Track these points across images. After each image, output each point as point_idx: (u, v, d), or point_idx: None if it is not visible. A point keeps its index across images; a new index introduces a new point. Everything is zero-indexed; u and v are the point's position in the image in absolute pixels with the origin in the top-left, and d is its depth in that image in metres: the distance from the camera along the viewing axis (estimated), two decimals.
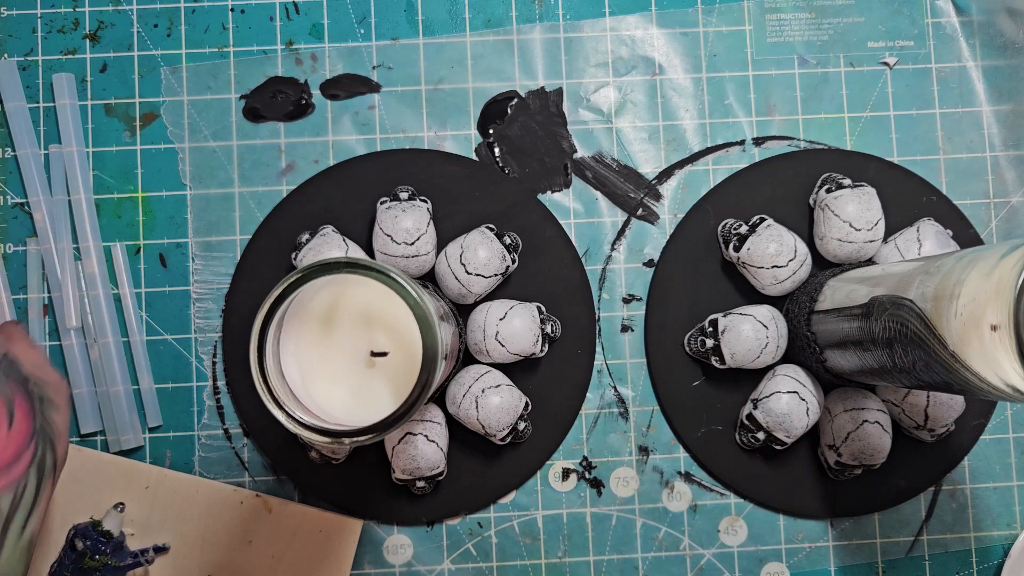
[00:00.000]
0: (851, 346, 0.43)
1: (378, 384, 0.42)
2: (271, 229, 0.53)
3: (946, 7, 0.55)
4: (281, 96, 0.54)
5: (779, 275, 0.49)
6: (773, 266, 0.49)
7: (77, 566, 0.49)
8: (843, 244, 0.49)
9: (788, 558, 0.53)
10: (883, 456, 0.49)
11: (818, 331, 0.47)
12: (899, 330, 0.38)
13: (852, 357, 0.44)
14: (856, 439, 0.48)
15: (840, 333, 0.44)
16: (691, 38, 0.55)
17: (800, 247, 0.49)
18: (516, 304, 0.49)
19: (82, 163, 0.53)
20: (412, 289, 0.37)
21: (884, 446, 0.48)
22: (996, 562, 0.53)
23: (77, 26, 0.54)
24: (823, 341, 0.46)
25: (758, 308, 0.50)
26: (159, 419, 0.52)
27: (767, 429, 0.48)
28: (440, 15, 0.54)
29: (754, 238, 0.49)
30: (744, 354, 0.49)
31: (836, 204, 0.49)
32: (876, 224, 0.49)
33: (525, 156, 0.54)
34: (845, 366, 0.45)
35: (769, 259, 0.49)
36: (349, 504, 0.52)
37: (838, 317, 0.44)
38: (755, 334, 0.48)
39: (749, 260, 0.49)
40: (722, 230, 0.52)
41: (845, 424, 0.49)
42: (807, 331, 0.47)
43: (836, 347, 0.45)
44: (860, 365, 0.43)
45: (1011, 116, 0.55)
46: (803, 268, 0.49)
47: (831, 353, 0.46)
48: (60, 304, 0.52)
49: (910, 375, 0.39)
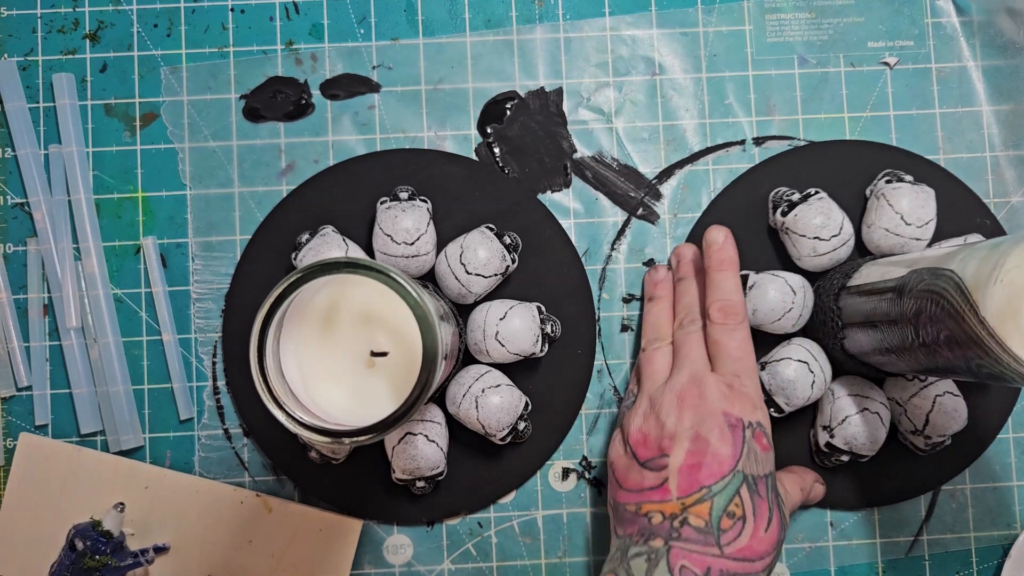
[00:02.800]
0: (876, 323, 0.43)
1: (378, 384, 0.42)
2: (271, 229, 0.53)
3: (946, 7, 0.55)
4: (281, 96, 0.54)
5: (819, 248, 0.49)
6: (816, 237, 0.49)
7: (77, 566, 0.49)
8: (889, 235, 0.49)
9: (788, 558, 0.53)
10: (875, 447, 0.49)
11: (844, 306, 0.47)
12: (931, 299, 0.38)
13: (874, 334, 0.44)
14: (852, 424, 0.48)
15: (867, 306, 0.44)
16: (691, 38, 0.55)
17: (847, 226, 0.49)
18: (516, 304, 0.49)
19: (82, 163, 0.53)
20: (412, 289, 0.37)
21: (879, 438, 0.48)
22: (996, 562, 0.53)
23: (77, 26, 0.54)
24: (847, 318, 0.46)
25: (791, 274, 0.50)
26: (191, 412, 0.52)
27: (768, 392, 0.48)
28: (440, 15, 0.54)
29: (804, 207, 0.49)
30: (766, 313, 0.49)
31: (893, 196, 0.49)
32: (927, 224, 0.49)
33: (525, 156, 0.54)
34: (864, 344, 0.45)
35: (813, 230, 0.49)
36: (349, 504, 0.52)
37: (870, 290, 0.44)
38: (781, 296, 0.48)
39: (793, 227, 0.49)
40: (774, 196, 0.52)
41: (845, 407, 0.49)
42: (834, 305, 0.47)
43: (859, 325, 0.45)
44: (880, 343, 0.43)
45: (1011, 116, 0.55)
46: (844, 247, 0.49)
47: (852, 331, 0.46)
48: (60, 304, 0.52)
49: (930, 352, 0.39)
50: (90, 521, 0.50)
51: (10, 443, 0.52)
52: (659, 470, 0.42)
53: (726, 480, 0.41)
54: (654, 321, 0.49)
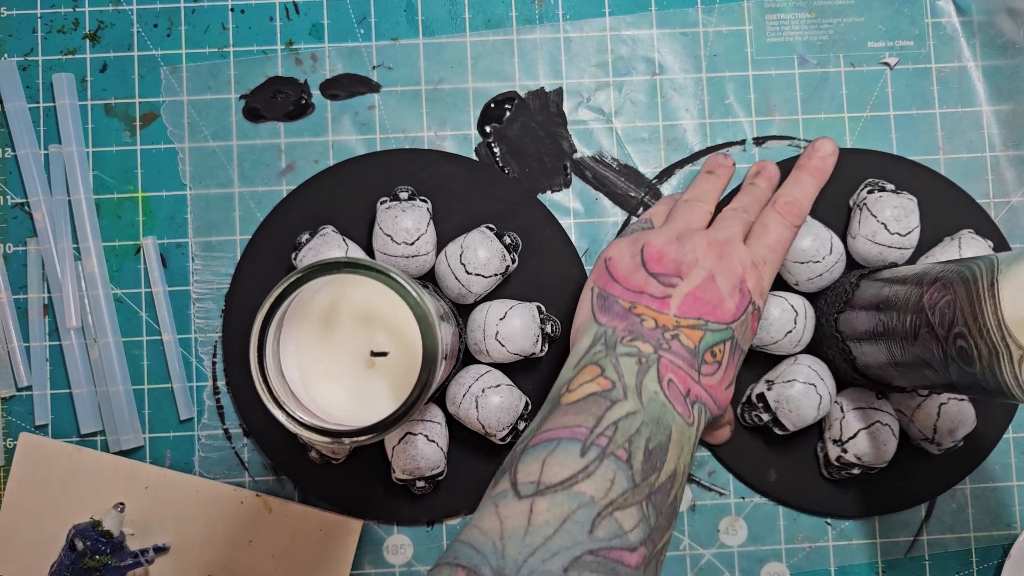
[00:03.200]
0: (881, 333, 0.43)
1: (378, 384, 0.42)
2: (271, 229, 0.53)
3: (946, 7, 0.55)
4: (281, 96, 0.54)
5: (815, 270, 0.49)
6: (810, 261, 0.49)
7: (77, 566, 0.49)
8: (873, 244, 0.49)
9: (788, 558, 0.53)
10: (886, 459, 0.49)
11: (846, 320, 0.47)
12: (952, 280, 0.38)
13: (880, 345, 0.44)
14: (865, 437, 0.48)
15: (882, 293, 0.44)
16: (691, 38, 0.55)
17: (836, 243, 0.49)
18: (516, 304, 0.49)
19: (82, 163, 0.53)
20: (412, 289, 0.37)
21: (890, 450, 0.48)
22: (996, 562, 0.53)
23: (77, 26, 0.54)
24: (850, 330, 0.46)
25: (792, 295, 0.50)
26: (191, 412, 0.52)
27: (775, 413, 0.48)
28: (440, 15, 0.54)
29: None
30: (770, 335, 0.49)
31: (876, 205, 0.49)
32: (910, 232, 0.49)
33: (525, 156, 0.54)
34: (871, 358, 0.45)
35: (805, 255, 0.49)
36: (349, 504, 0.52)
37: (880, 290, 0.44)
38: (784, 317, 0.48)
39: (788, 255, 0.49)
40: None
41: (855, 421, 0.49)
42: (835, 325, 0.48)
43: (865, 338, 0.45)
44: (887, 353, 0.43)
45: (1011, 116, 0.55)
46: (837, 265, 0.49)
47: (856, 345, 0.46)
48: (60, 304, 0.52)
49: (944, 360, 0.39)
50: (90, 521, 0.50)
51: (10, 443, 0.52)
52: (666, 286, 0.41)
53: (721, 327, 0.40)
54: (705, 187, 0.47)
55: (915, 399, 0.49)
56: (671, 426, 0.37)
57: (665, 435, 0.37)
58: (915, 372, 0.42)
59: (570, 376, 0.39)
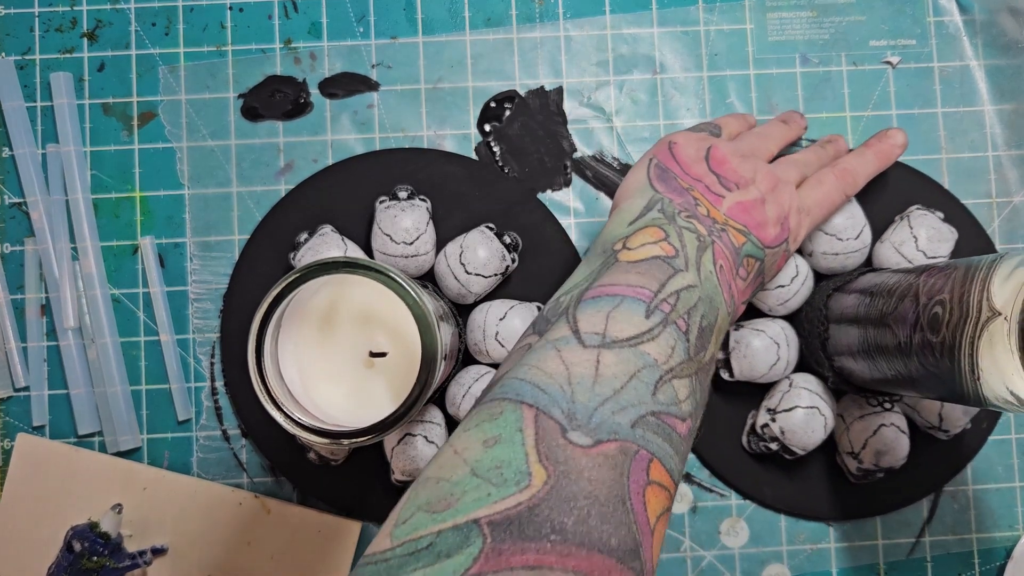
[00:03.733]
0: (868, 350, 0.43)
1: (377, 384, 0.41)
2: (269, 229, 0.52)
3: (949, 6, 0.55)
4: (280, 95, 0.54)
5: (835, 247, 0.49)
6: (834, 235, 0.49)
7: (75, 567, 0.48)
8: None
9: (789, 560, 0.52)
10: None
11: (833, 337, 0.47)
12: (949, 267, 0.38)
13: (864, 364, 0.44)
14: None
15: (857, 335, 0.44)
16: (692, 36, 0.54)
17: (866, 232, 0.50)
18: (516, 304, 0.49)
19: (80, 162, 0.52)
20: (411, 289, 0.37)
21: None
22: (998, 563, 0.53)
23: (75, 25, 0.54)
24: (836, 348, 0.46)
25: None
26: (189, 412, 0.52)
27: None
28: (440, 14, 0.54)
29: None
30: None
31: (917, 220, 0.50)
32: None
33: (525, 155, 0.54)
34: (858, 374, 0.45)
35: (834, 228, 0.49)
36: (348, 505, 0.51)
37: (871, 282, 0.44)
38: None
39: None
40: None
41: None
42: (822, 349, 0.48)
43: (848, 354, 0.45)
44: (871, 372, 0.43)
45: (1014, 115, 0.54)
46: (857, 254, 0.50)
47: (844, 360, 0.46)
48: (58, 304, 0.52)
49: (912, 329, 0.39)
50: (88, 522, 0.50)
51: (7, 444, 0.52)
52: (722, 186, 0.42)
53: (759, 244, 0.41)
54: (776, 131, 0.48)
55: (862, 410, 0.49)
56: (719, 309, 0.37)
57: (715, 316, 0.37)
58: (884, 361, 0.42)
59: (626, 232, 0.39)
